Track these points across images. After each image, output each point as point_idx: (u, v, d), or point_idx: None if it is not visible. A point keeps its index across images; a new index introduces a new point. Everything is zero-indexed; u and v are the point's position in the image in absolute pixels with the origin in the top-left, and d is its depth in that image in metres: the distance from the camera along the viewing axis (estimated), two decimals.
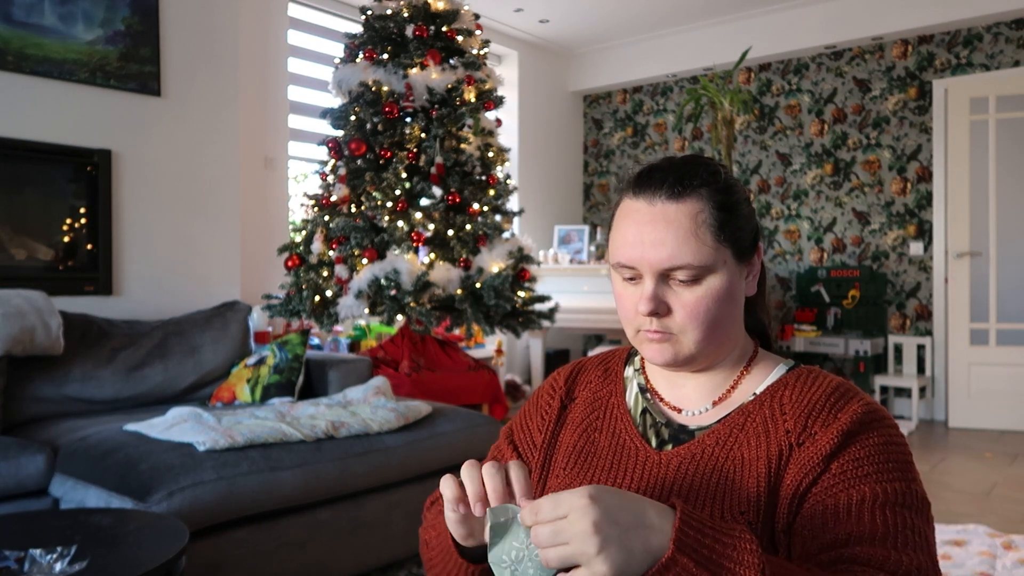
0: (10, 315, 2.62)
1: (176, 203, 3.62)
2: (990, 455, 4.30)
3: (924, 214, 5.38)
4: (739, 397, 0.92)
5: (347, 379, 3.22)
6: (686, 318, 0.86)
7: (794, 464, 0.83)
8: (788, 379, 0.91)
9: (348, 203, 3.91)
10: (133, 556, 1.53)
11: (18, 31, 3.11)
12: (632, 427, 0.95)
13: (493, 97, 4.12)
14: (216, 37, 3.77)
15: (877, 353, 5.38)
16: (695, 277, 0.85)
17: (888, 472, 0.80)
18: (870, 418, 0.83)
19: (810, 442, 0.83)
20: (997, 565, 2.58)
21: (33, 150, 3.15)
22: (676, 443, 0.92)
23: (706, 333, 0.87)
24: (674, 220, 0.84)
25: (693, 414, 0.93)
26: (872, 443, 0.82)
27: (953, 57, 5.27)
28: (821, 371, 0.91)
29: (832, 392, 0.86)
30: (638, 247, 0.86)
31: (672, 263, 0.84)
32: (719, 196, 0.86)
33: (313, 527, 2.30)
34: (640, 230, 0.86)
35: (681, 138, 6.47)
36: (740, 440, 0.87)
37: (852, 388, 0.88)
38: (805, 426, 0.84)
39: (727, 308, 0.88)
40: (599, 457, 0.95)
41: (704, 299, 0.86)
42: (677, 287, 0.86)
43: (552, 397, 1.05)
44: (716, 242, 0.85)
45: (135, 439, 2.27)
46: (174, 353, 3.11)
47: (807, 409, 0.85)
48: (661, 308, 0.86)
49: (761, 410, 0.88)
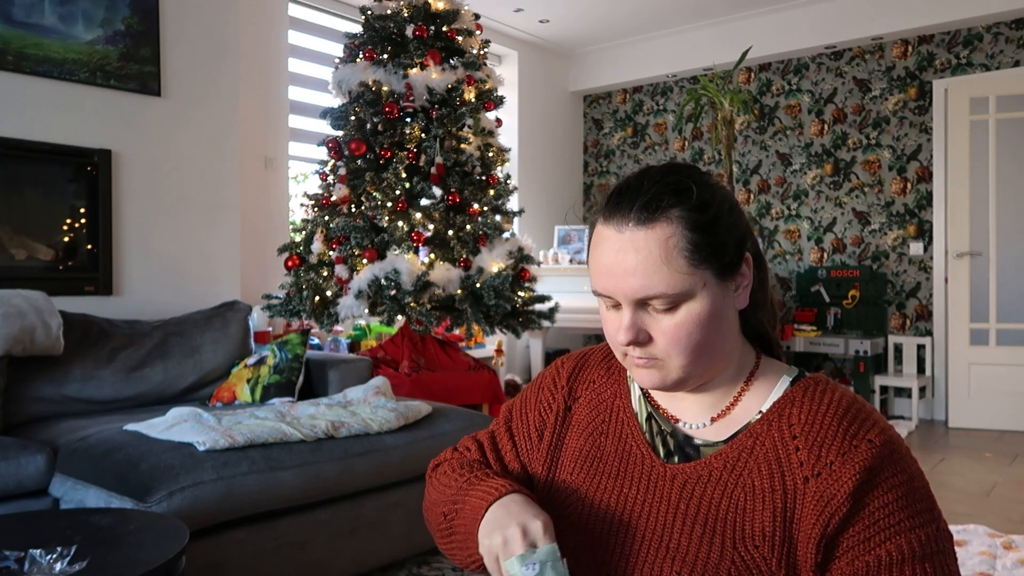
0: (10, 315, 2.62)
1: (176, 203, 3.62)
2: (990, 455, 4.30)
3: (924, 214, 5.38)
4: (743, 414, 0.89)
5: (347, 379, 3.22)
6: (668, 345, 0.84)
7: (812, 499, 0.80)
8: (795, 394, 0.87)
9: (348, 203, 3.91)
10: (133, 556, 1.53)
11: (18, 31, 3.11)
12: (639, 433, 0.94)
13: (493, 97, 4.11)
14: (216, 37, 3.77)
15: (877, 353, 5.38)
16: (672, 305, 0.82)
17: (918, 515, 0.79)
18: (889, 450, 0.81)
19: (827, 473, 0.80)
20: (997, 565, 2.58)
21: (33, 150, 3.15)
22: (683, 456, 0.90)
23: (691, 358, 0.84)
24: (644, 248, 0.81)
25: (695, 427, 0.91)
26: (898, 482, 0.80)
27: (953, 57, 5.27)
28: (828, 382, 0.88)
29: (844, 413, 0.83)
30: (611, 277, 0.83)
31: (645, 293, 0.81)
32: (693, 215, 0.82)
33: (313, 527, 2.30)
34: (611, 259, 0.83)
35: (681, 138, 6.47)
36: (750, 466, 0.84)
37: (863, 408, 0.85)
38: (819, 456, 0.81)
39: (712, 330, 0.84)
40: (606, 463, 0.94)
41: (684, 325, 0.83)
42: (656, 313, 0.83)
43: (554, 396, 1.03)
44: (691, 267, 0.81)
45: (135, 439, 2.26)
46: (174, 353, 3.11)
47: (820, 435, 0.83)
48: (641, 336, 0.84)
49: (770, 432, 0.85)
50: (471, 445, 1.06)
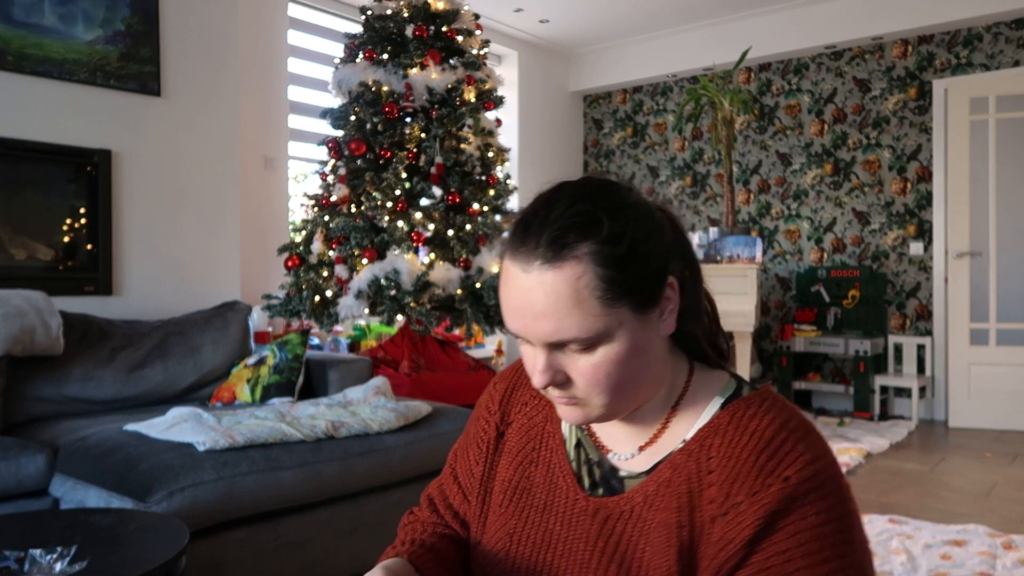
0: (10, 315, 2.62)
1: (176, 203, 3.62)
2: (990, 455, 4.30)
3: (924, 214, 5.38)
4: (669, 442, 0.83)
5: (347, 379, 3.22)
6: (586, 386, 0.77)
7: (715, 540, 0.75)
8: (720, 420, 0.80)
9: (348, 203, 3.91)
10: (133, 556, 1.53)
11: (18, 31, 3.11)
12: (566, 462, 0.89)
13: (493, 97, 4.12)
14: (216, 37, 3.77)
15: (877, 353, 5.38)
16: (587, 346, 0.75)
17: (824, 563, 0.71)
18: (805, 489, 0.73)
19: (733, 514, 0.74)
20: (997, 565, 2.58)
21: (33, 150, 3.15)
22: (607, 489, 0.85)
23: (613, 396, 0.78)
24: (552, 291, 0.73)
25: (623, 458, 0.86)
26: (806, 526, 0.72)
27: (953, 57, 5.27)
28: (760, 404, 0.80)
29: (766, 446, 0.75)
30: (521, 319, 0.76)
31: (557, 337, 0.75)
32: (604, 250, 0.73)
33: (313, 527, 2.30)
34: (520, 300, 0.75)
35: (681, 138, 6.47)
36: (667, 501, 0.79)
37: (790, 437, 0.76)
38: (729, 494, 0.75)
39: (634, 366, 0.77)
40: (534, 495, 0.89)
41: (603, 366, 0.76)
42: (572, 354, 0.77)
43: (488, 423, 0.97)
44: (606, 307, 0.74)
45: (135, 439, 2.26)
46: (174, 353, 3.11)
47: (735, 470, 0.76)
48: (558, 378, 0.78)
49: (688, 464, 0.79)
50: (424, 501, 1.03)
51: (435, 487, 1.03)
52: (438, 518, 1.00)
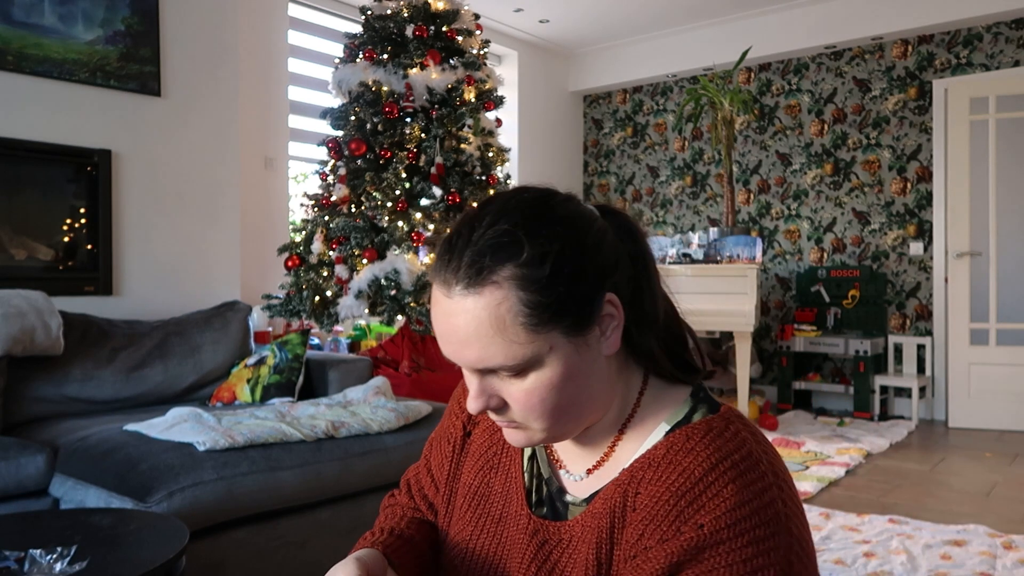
0: (10, 315, 2.62)
1: (176, 203, 3.62)
2: (990, 455, 4.30)
3: (924, 214, 5.38)
4: (612, 468, 0.79)
5: (347, 379, 3.22)
6: (522, 411, 0.73)
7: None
8: (657, 452, 0.74)
9: (348, 203, 3.91)
10: (133, 556, 1.53)
11: (18, 31, 3.11)
12: (520, 474, 0.85)
13: (493, 97, 4.12)
14: (216, 37, 3.77)
15: (877, 353, 5.38)
16: (517, 373, 0.71)
17: None
18: (716, 539, 0.66)
19: (642, 559, 0.69)
20: (997, 565, 2.59)
21: (33, 150, 3.15)
22: (551, 511, 0.82)
23: (552, 420, 0.74)
24: (474, 317, 0.69)
25: (573, 479, 0.82)
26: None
27: (953, 57, 5.27)
28: (704, 437, 0.73)
29: (692, 487, 0.69)
30: (447, 344, 0.73)
31: (484, 365, 0.71)
32: (526, 273, 0.68)
33: (313, 527, 2.30)
34: (444, 326, 0.72)
35: (681, 138, 6.47)
36: (597, 535, 0.75)
37: (721, 478, 0.69)
38: (642, 535, 0.70)
39: (570, 390, 0.72)
40: (492, 504, 0.86)
41: (536, 391, 0.72)
42: (505, 379, 0.73)
43: (457, 419, 0.94)
44: (531, 333, 0.69)
45: (135, 439, 2.26)
46: (174, 353, 3.11)
47: (654, 511, 0.70)
48: (493, 402, 0.75)
49: (615, 496, 0.74)
50: (403, 486, 1.02)
51: (412, 473, 1.02)
52: (414, 504, 0.99)
